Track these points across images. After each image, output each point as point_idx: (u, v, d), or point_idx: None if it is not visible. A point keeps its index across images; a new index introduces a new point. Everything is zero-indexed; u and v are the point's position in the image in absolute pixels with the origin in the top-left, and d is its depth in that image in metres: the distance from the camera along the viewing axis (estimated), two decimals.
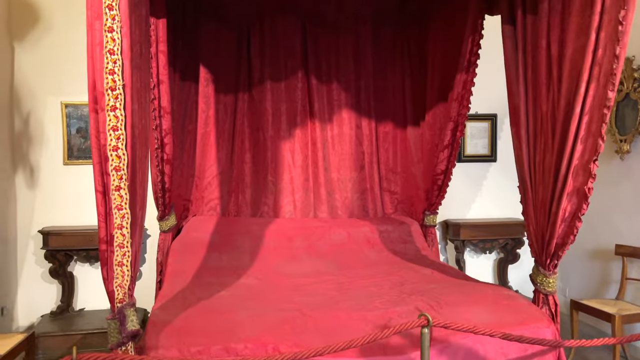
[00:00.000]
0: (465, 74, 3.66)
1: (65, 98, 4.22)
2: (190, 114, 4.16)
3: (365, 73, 4.45)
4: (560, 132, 2.56)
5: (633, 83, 3.78)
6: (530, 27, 2.82)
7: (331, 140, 4.45)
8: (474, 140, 4.88)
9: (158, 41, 3.38)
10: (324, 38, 4.37)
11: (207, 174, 4.25)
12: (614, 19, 2.30)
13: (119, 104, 2.02)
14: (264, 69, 4.30)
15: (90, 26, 1.97)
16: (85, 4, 1.97)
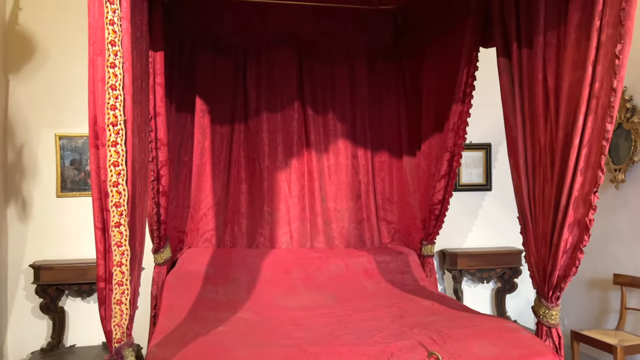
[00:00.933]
0: (460, 105, 3.70)
1: (59, 130, 4.19)
2: (186, 145, 4.14)
3: (360, 103, 4.49)
4: (559, 164, 2.57)
5: (626, 113, 3.84)
6: (525, 60, 2.85)
7: (327, 170, 4.45)
8: (469, 169, 4.90)
9: (155, 73, 3.39)
10: (319, 69, 4.41)
11: (202, 205, 4.21)
12: (610, 52, 2.33)
13: (120, 139, 2.00)
14: (260, 99, 4.31)
15: (92, 62, 1.97)
16: (82, 38, 1.98)
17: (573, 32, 2.50)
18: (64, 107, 4.15)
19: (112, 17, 1.95)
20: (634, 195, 3.87)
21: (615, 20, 2.29)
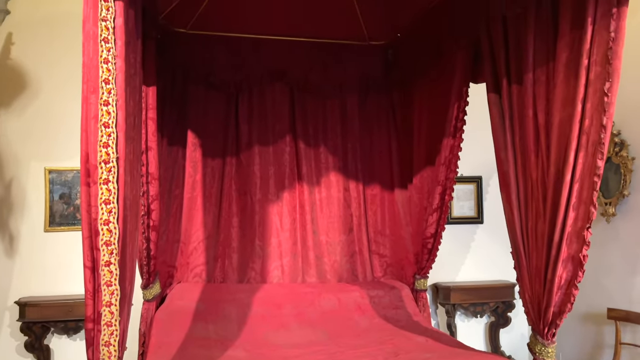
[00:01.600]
0: (452, 139, 3.72)
1: (49, 164, 4.16)
2: (177, 179, 4.12)
3: (352, 136, 4.51)
4: (551, 199, 2.58)
5: (614, 147, 3.89)
6: (515, 97, 2.88)
7: (319, 203, 4.43)
8: (460, 202, 4.91)
9: (148, 108, 3.39)
10: (311, 103, 4.44)
11: (193, 239, 4.17)
12: (599, 90, 2.37)
13: (112, 177, 1.98)
14: (252, 133, 4.32)
15: (85, 100, 1.96)
16: (74, 73, 1.99)
17: (562, 70, 2.54)
18: (55, 141, 4.13)
19: (107, 55, 1.95)
20: (625, 229, 3.88)
21: (603, 59, 2.34)
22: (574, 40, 2.48)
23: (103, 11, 1.94)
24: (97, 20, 1.92)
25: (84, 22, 1.93)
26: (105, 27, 1.94)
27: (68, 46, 4.00)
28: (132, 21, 2.24)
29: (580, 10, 2.43)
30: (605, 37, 2.33)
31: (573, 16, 2.48)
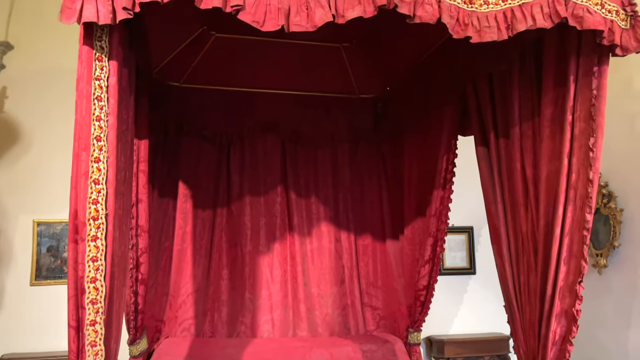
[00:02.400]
0: (442, 190, 3.74)
1: (38, 216, 4.13)
2: (167, 231, 4.08)
3: (343, 187, 4.52)
4: (542, 253, 2.58)
5: (602, 199, 3.93)
6: (503, 150, 2.93)
7: (310, 254, 4.39)
8: (452, 252, 4.90)
9: (139, 161, 3.39)
10: (302, 154, 4.47)
11: (182, 292, 4.09)
12: (584, 145, 2.42)
13: (101, 234, 1.97)
14: (243, 184, 4.33)
15: (76, 157, 1.97)
16: (66, 127, 1.99)
17: (547, 125, 2.60)
18: (44, 193, 4.12)
19: (99, 113, 1.97)
20: (617, 281, 3.87)
21: (587, 116, 2.40)
22: (558, 96, 2.55)
23: (97, 70, 1.98)
24: (91, 79, 1.96)
25: (78, 81, 1.97)
26: (98, 86, 1.98)
27: (61, 101, 4.05)
28: (126, 79, 2.27)
29: (562, 69, 2.51)
30: (587, 95, 2.40)
31: (556, 74, 2.56)
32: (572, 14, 2.24)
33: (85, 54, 1.96)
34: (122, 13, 1.88)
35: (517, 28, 2.21)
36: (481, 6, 2.20)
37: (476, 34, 2.19)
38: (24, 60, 4.27)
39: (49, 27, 3.96)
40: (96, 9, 1.84)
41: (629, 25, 2.30)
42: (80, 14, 1.84)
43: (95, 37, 1.98)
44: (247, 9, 2.00)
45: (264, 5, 2.01)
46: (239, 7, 1.99)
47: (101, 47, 1.99)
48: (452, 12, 2.16)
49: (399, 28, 2.23)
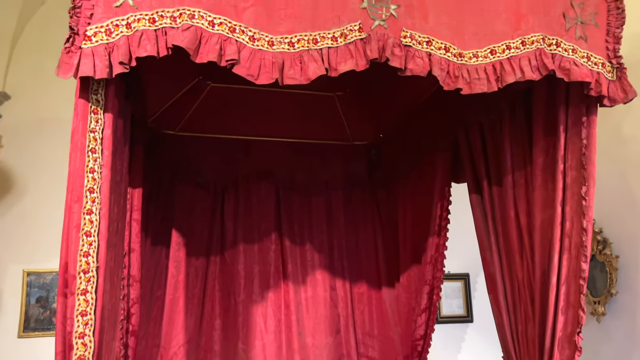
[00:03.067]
0: (437, 237, 3.72)
1: (28, 266, 4.07)
2: (159, 280, 4.02)
3: (337, 234, 4.50)
4: (539, 302, 2.55)
5: (597, 245, 3.92)
6: (497, 198, 2.94)
7: (305, 303, 4.32)
8: (449, 300, 4.83)
9: (132, 209, 3.37)
10: (297, 201, 4.47)
11: (173, 344, 3.98)
12: (576, 194, 2.43)
13: (91, 287, 1.93)
14: (237, 231, 4.30)
15: (68, 209, 1.95)
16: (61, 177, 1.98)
17: (539, 174, 2.62)
18: (36, 242, 4.08)
19: (93, 165, 1.98)
20: (616, 329, 3.81)
21: (578, 164, 2.42)
22: (549, 145, 2.58)
23: (92, 123, 1.99)
24: (86, 131, 1.97)
25: (73, 134, 1.97)
26: (93, 138, 1.98)
27: (56, 151, 4.06)
28: (121, 130, 2.29)
29: (552, 119, 2.55)
30: (578, 144, 2.43)
31: (546, 124, 2.60)
32: (559, 67, 2.30)
33: (80, 107, 1.98)
34: (119, 67, 1.91)
35: (506, 80, 2.26)
36: (470, 59, 2.26)
37: (466, 85, 2.23)
38: (21, 111, 4.31)
39: (47, 78, 4.00)
40: (93, 64, 1.87)
41: (616, 77, 2.36)
42: (77, 69, 1.87)
43: (92, 90, 2.00)
44: (241, 62, 2.04)
45: (258, 59, 2.06)
46: (234, 61, 2.03)
47: (97, 100, 2.01)
48: (442, 65, 2.21)
49: (391, 77, 2.28)
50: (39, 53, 4.33)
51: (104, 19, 1.93)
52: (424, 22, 2.22)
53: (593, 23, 2.37)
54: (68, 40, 1.88)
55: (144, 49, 1.92)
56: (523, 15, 2.33)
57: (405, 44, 2.19)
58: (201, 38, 2.00)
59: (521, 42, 2.30)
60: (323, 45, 2.14)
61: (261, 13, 2.09)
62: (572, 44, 2.33)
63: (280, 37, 2.10)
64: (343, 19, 2.16)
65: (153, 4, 1.97)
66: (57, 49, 1.94)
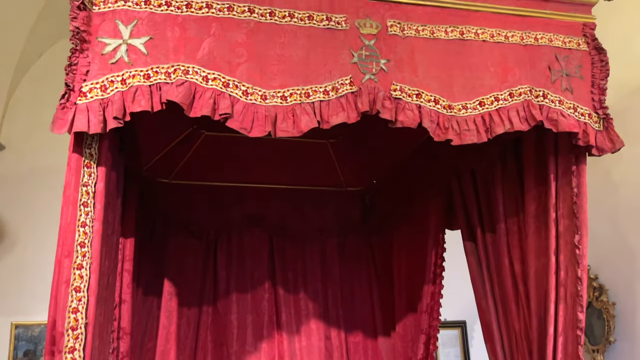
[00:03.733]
0: (432, 285, 3.69)
1: (16, 318, 3.98)
2: (151, 331, 3.93)
3: (332, 282, 4.44)
4: (537, 353, 2.52)
5: (594, 292, 3.90)
6: (491, 245, 2.93)
7: (299, 353, 4.23)
8: (446, 349, 4.75)
9: (124, 260, 3.33)
10: (290, 249, 4.43)
11: None
12: (569, 242, 2.44)
13: (79, 345, 1.88)
14: (230, 280, 4.24)
15: (58, 263, 1.93)
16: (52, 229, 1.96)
17: (532, 222, 2.63)
18: (25, 293, 4.01)
19: (85, 219, 1.97)
20: None
21: (570, 213, 2.44)
22: (540, 194, 2.60)
23: (85, 177, 2.00)
24: (79, 186, 1.97)
25: (65, 188, 1.97)
26: (85, 192, 1.98)
27: (50, 202, 4.04)
28: (114, 183, 2.29)
29: (542, 167, 2.58)
30: (569, 193, 2.45)
31: (536, 172, 2.63)
32: (547, 117, 2.34)
33: (74, 161, 1.98)
34: (113, 122, 1.93)
35: (495, 131, 2.29)
36: (460, 111, 2.30)
37: (456, 136, 2.27)
38: (14, 161, 4.33)
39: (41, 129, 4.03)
40: (87, 119, 1.89)
41: (602, 127, 2.41)
42: (71, 125, 1.88)
43: (85, 144, 2.01)
44: (235, 116, 2.07)
45: (251, 112, 2.09)
46: (228, 115, 2.06)
47: (90, 154, 2.02)
48: (432, 117, 2.25)
49: (384, 126, 2.32)
50: (34, 105, 4.38)
51: (100, 75, 1.96)
52: (414, 76, 2.27)
53: (578, 75, 2.44)
54: (63, 97, 1.91)
55: (138, 104, 1.95)
56: (510, 69, 2.39)
57: (396, 97, 2.23)
58: (195, 93, 2.03)
59: (509, 94, 2.36)
60: (315, 99, 2.18)
61: (254, 68, 2.13)
62: (559, 96, 2.38)
63: (273, 91, 2.14)
64: (334, 73, 2.21)
65: (148, 61, 2.01)
66: (52, 101, 1.97)
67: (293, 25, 2.22)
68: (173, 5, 2.09)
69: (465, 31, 2.40)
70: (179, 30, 2.07)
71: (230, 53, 2.12)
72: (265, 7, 2.20)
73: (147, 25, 2.04)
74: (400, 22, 2.32)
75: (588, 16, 2.55)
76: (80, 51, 1.95)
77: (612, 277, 3.91)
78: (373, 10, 2.30)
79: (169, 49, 2.04)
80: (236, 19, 2.15)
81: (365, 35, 2.27)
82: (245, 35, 2.15)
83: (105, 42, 1.99)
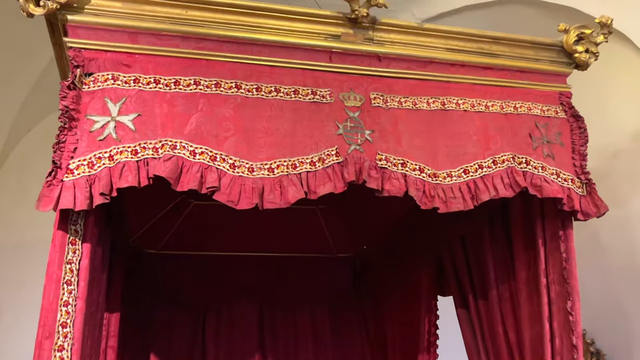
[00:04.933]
0: (427, 355, 3.58)
1: None
2: None
3: (324, 353, 4.31)
4: None
5: (591, 357, 3.81)
6: (484, 313, 2.89)
7: None
8: None
9: (109, 336, 3.24)
10: (280, 318, 4.34)
11: None
12: (562, 309, 2.40)
13: None
14: (219, 353, 4.11)
15: (38, 345, 1.86)
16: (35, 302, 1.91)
17: (524, 288, 2.61)
18: None
19: (67, 298, 1.92)
20: None
21: (560, 279, 2.42)
22: (530, 259, 2.59)
23: (69, 254, 1.97)
24: (62, 263, 1.93)
25: (49, 266, 1.94)
26: (69, 270, 1.95)
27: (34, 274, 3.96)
28: (99, 258, 2.26)
29: (530, 232, 2.59)
30: (558, 258, 2.44)
31: (525, 237, 2.63)
32: (531, 183, 2.37)
33: (58, 238, 1.96)
34: (99, 198, 1.93)
35: (481, 198, 2.32)
36: (445, 179, 2.33)
37: (443, 204, 2.28)
38: (1, 234, 4.27)
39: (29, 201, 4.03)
40: (73, 196, 1.88)
41: (586, 192, 2.44)
42: (57, 202, 1.87)
43: (71, 221, 1.99)
44: (222, 189, 2.08)
45: (238, 185, 2.10)
46: (215, 188, 2.07)
47: (75, 230, 2.00)
48: (418, 185, 2.27)
49: (371, 193, 2.33)
50: (23, 178, 4.39)
51: (87, 152, 1.97)
52: (398, 146, 2.32)
53: (558, 142, 2.50)
54: (50, 174, 1.91)
55: (125, 180, 1.95)
56: (492, 136, 2.45)
57: (381, 166, 2.26)
58: (182, 167, 2.05)
59: (492, 162, 2.40)
60: (302, 170, 2.20)
61: (242, 141, 2.16)
62: (541, 162, 2.42)
63: (260, 163, 2.16)
64: (320, 144, 2.24)
65: (136, 137, 2.03)
66: (41, 174, 1.96)
67: (279, 99, 2.27)
68: (162, 83, 2.14)
69: (447, 102, 2.47)
70: (167, 107, 2.11)
71: (218, 127, 2.15)
72: (252, 82, 2.26)
73: (135, 103, 2.08)
74: (383, 94, 2.39)
75: (564, 85, 2.65)
76: (69, 129, 1.97)
77: (609, 340, 3.84)
78: (356, 84, 2.37)
79: (157, 125, 2.07)
80: (224, 95, 2.20)
81: (350, 108, 2.33)
82: (233, 109, 2.20)
83: (93, 119, 2.02)
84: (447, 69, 2.51)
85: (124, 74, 2.11)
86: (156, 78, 2.14)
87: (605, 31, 2.56)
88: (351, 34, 2.41)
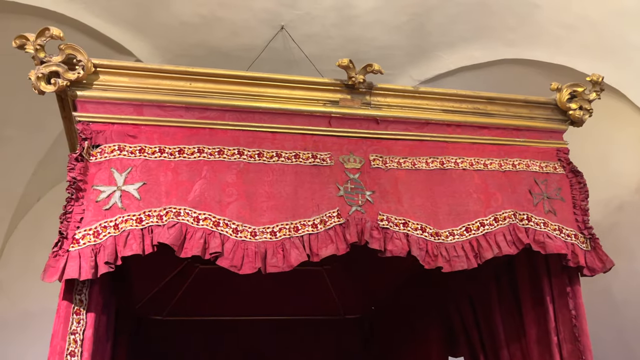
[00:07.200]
0: None
1: None
2: None
3: None
4: None
5: None
6: None
7: None
8: None
9: None
10: None
11: None
12: None
13: None
14: None
15: None
16: None
17: (535, 348, 2.55)
18: None
19: None
20: None
21: (571, 337, 2.37)
22: (539, 316, 2.54)
23: (74, 324, 1.96)
24: (67, 334, 1.93)
25: (53, 337, 1.93)
26: (73, 340, 1.94)
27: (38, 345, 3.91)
28: (104, 326, 2.25)
29: (537, 289, 2.55)
30: (567, 315, 2.40)
31: (532, 294, 2.59)
32: (533, 240, 2.37)
33: (63, 308, 1.96)
34: (104, 267, 1.94)
35: (484, 256, 2.31)
36: (447, 237, 2.33)
37: (446, 263, 2.27)
38: (6, 303, 4.26)
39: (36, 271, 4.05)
40: (79, 266, 1.90)
41: (590, 247, 2.42)
42: (62, 272, 1.89)
43: (76, 290, 2.00)
44: (225, 254, 2.09)
45: (241, 250, 2.11)
46: (218, 253, 2.08)
47: (80, 300, 2.01)
48: (420, 245, 2.28)
49: (375, 253, 2.33)
50: (30, 247, 4.41)
51: (93, 222, 2.01)
52: (399, 205, 2.34)
53: (559, 198, 2.51)
54: (56, 245, 1.93)
55: (129, 248, 1.98)
56: (492, 194, 2.46)
57: (383, 227, 2.27)
58: (186, 234, 2.07)
59: (494, 219, 2.40)
60: (304, 233, 2.22)
61: (244, 206, 2.19)
62: (543, 218, 2.42)
63: (263, 227, 2.18)
64: (322, 207, 2.27)
65: (141, 205, 2.07)
66: (48, 243, 1.98)
67: (281, 164, 2.32)
68: (166, 152, 2.20)
69: (445, 161, 2.51)
70: (171, 175, 2.16)
71: (221, 193, 2.19)
72: (254, 148, 2.32)
73: (141, 172, 2.13)
74: (382, 156, 2.44)
75: (560, 142, 2.69)
76: (76, 199, 2.02)
77: None
78: (356, 147, 2.43)
79: (161, 192, 2.11)
80: (226, 161, 2.26)
81: (350, 170, 2.38)
82: (235, 175, 2.25)
83: (100, 189, 2.07)
84: (444, 129, 2.57)
85: (130, 145, 2.18)
86: (161, 147, 2.21)
87: (597, 89, 2.62)
88: (349, 99, 2.49)
